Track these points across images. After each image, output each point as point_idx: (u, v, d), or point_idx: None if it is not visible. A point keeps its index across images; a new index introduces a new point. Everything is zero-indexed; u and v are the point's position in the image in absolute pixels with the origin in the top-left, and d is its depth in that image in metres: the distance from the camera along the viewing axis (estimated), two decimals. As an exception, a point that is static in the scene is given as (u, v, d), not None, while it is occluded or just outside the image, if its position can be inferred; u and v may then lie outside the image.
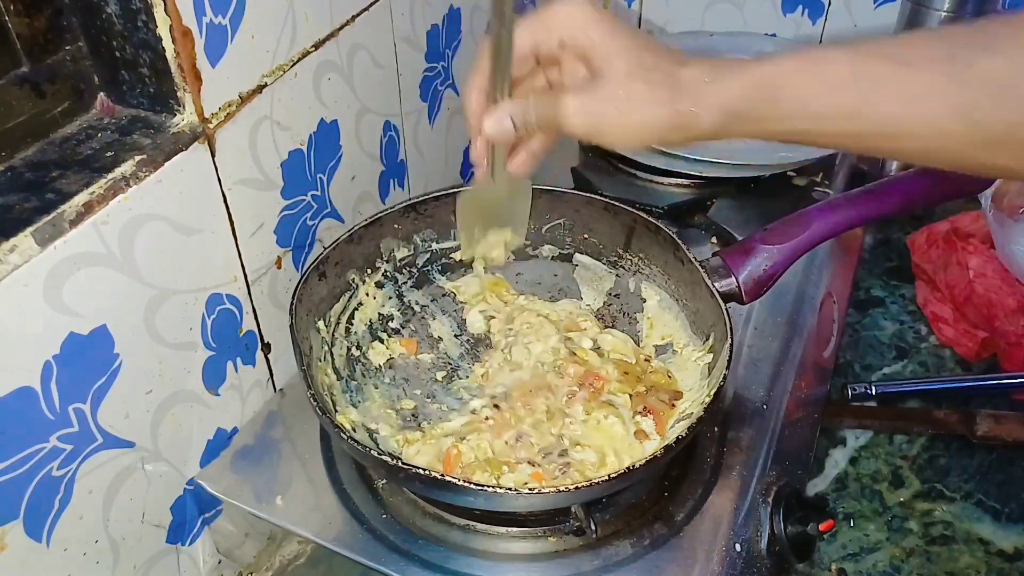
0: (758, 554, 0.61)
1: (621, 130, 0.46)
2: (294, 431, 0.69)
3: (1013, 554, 0.72)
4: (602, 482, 0.53)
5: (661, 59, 0.45)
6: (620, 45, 0.45)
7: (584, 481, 0.55)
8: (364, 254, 0.72)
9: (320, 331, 0.68)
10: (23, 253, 0.47)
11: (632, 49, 0.45)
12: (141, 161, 0.53)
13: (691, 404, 0.66)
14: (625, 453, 0.63)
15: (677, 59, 0.46)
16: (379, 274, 0.74)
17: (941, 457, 0.80)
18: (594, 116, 0.46)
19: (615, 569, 0.59)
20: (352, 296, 0.72)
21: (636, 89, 0.45)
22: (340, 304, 0.71)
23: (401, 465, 0.53)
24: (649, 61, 0.45)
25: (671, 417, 0.66)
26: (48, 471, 0.52)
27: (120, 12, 0.52)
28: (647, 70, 0.45)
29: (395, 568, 0.59)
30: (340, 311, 0.71)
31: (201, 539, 0.68)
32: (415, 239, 0.76)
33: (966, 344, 0.88)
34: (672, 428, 0.65)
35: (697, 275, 0.67)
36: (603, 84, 0.46)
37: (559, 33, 0.47)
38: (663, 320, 0.74)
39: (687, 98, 0.45)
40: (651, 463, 0.55)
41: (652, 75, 0.45)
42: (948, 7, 0.92)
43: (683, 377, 0.69)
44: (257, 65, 0.61)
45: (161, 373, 0.59)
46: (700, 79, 0.45)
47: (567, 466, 0.61)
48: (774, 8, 1.11)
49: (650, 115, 0.45)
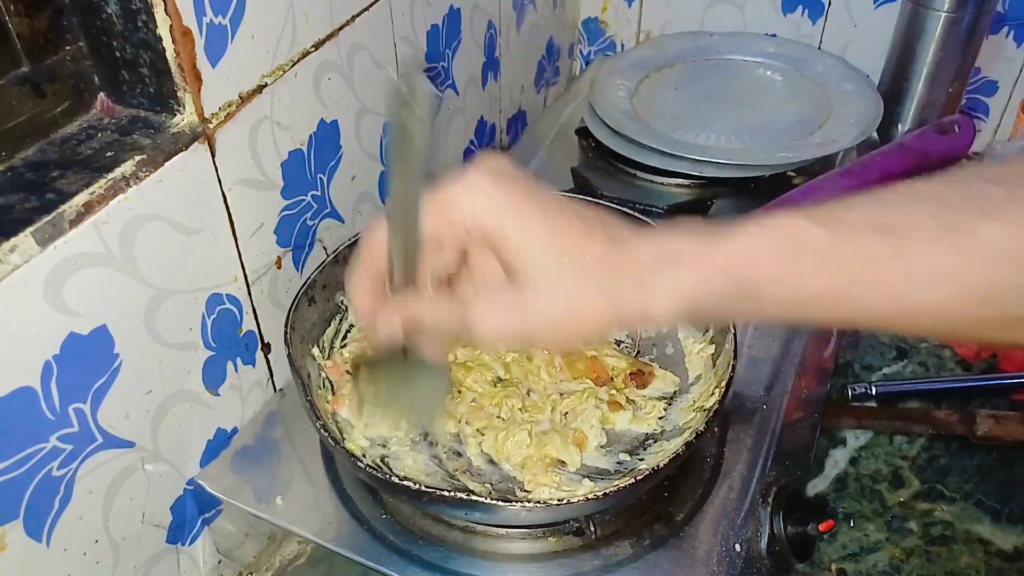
0: (758, 554, 0.61)
1: (552, 335, 0.39)
2: (294, 431, 0.69)
3: (1013, 554, 0.72)
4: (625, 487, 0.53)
5: (593, 240, 0.38)
6: (538, 232, 0.37)
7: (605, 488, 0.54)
8: None
9: (316, 358, 0.68)
10: (23, 253, 0.47)
11: (553, 235, 0.37)
12: (141, 161, 0.53)
13: (699, 396, 0.66)
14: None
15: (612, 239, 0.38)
16: None
17: (941, 457, 0.80)
18: (514, 325, 0.38)
19: (615, 569, 0.59)
20: (343, 319, 0.72)
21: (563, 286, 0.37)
22: (332, 328, 0.71)
23: (424, 490, 0.53)
24: (578, 247, 0.37)
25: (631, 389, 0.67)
26: (48, 471, 0.52)
27: (120, 12, 0.52)
28: (575, 261, 0.37)
29: (395, 568, 0.59)
30: (332, 335, 0.71)
31: (201, 539, 0.68)
32: None
33: (966, 344, 0.88)
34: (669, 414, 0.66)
35: None
36: (523, 287, 0.38)
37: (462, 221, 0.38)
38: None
39: (631, 292, 0.37)
40: (672, 462, 0.55)
41: (582, 265, 0.37)
42: (948, 7, 0.92)
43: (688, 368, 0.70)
44: (257, 65, 0.61)
45: (161, 373, 0.59)
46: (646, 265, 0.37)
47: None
48: (774, 8, 1.11)
49: (586, 314, 0.37)
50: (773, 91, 1.04)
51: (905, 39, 0.98)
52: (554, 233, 0.37)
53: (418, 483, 0.53)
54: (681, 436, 0.63)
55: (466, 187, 0.38)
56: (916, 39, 0.96)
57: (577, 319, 0.38)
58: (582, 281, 0.37)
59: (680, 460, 0.55)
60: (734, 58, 1.09)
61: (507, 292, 0.39)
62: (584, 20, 1.24)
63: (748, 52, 1.09)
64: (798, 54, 1.07)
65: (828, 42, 1.10)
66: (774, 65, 1.07)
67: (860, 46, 1.08)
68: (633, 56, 1.10)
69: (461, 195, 0.38)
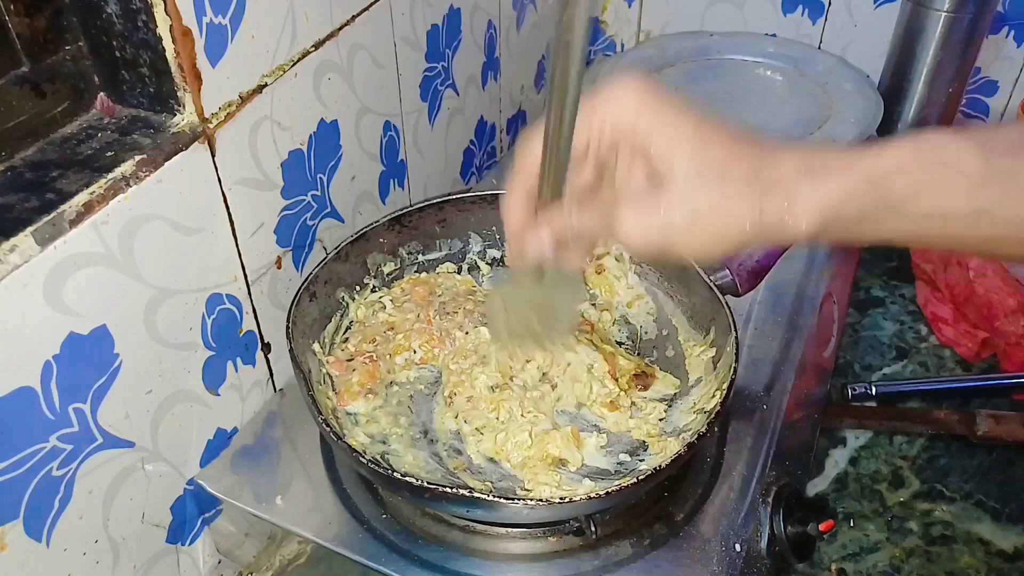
0: (758, 554, 0.61)
1: (693, 243, 0.39)
2: (294, 431, 0.69)
3: (1013, 554, 0.72)
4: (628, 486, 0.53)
5: (737, 151, 0.38)
6: (684, 139, 0.38)
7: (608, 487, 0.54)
8: (352, 271, 0.72)
9: (316, 353, 0.68)
10: (23, 253, 0.47)
11: (700, 142, 0.38)
12: (141, 161, 0.53)
13: (700, 399, 0.66)
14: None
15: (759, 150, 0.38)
16: (368, 291, 0.74)
17: (941, 457, 0.80)
18: (657, 230, 0.39)
19: (615, 569, 0.59)
20: (343, 315, 0.72)
21: (708, 193, 0.37)
22: (333, 324, 0.71)
23: (427, 486, 0.53)
24: (723, 156, 0.38)
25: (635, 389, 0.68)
26: (48, 471, 0.52)
27: (120, 12, 0.52)
28: (721, 169, 0.37)
29: (395, 568, 0.59)
30: (333, 331, 0.71)
31: (201, 539, 0.68)
32: (401, 252, 0.76)
33: (966, 344, 0.88)
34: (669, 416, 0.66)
35: (691, 270, 0.67)
36: (666, 190, 0.38)
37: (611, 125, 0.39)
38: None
39: (776, 200, 0.37)
40: (674, 462, 0.55)
41: (728, 175, 0.37)
42: (949, 7, 0.92)
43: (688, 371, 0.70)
44: (257, 65, 0.61)
45: (161, 373, 0.59)
46: (791, 176, 0.37)
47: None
48: (774, 8, 1.11)
49: (728, 224, 0.38)
50: (773, 91, 1.04)
51: (905, 39, 0.98)
52: (702, 140, 0.38)
53: (420, 479, 0.53)
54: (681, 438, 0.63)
55: (620, 93, 0.39)
56: (916, 39, 0.96)
57: (718, 225, 0.38)
58: (727, 188, 0.37)
59: (682, 461, 0.55)
60: (734, 58, 1.09)
61: (652, 196, 0.39)
62: (584, 20, 1.24)
63: (748, 52, 1.09)
64: (798, 54, 1.07)
65: (828, 42, 1.10)
66: (774, 65, 1.07)
67: (860, 46, 1.08)
68: (633, 56, 1.10)
69: (614, 101, 0.39)
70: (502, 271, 0.80)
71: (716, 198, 0.37)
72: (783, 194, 0.37)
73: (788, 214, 0.37)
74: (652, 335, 0.74)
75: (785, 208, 0.37)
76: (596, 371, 0.67)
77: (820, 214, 0.37)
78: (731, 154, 0.38)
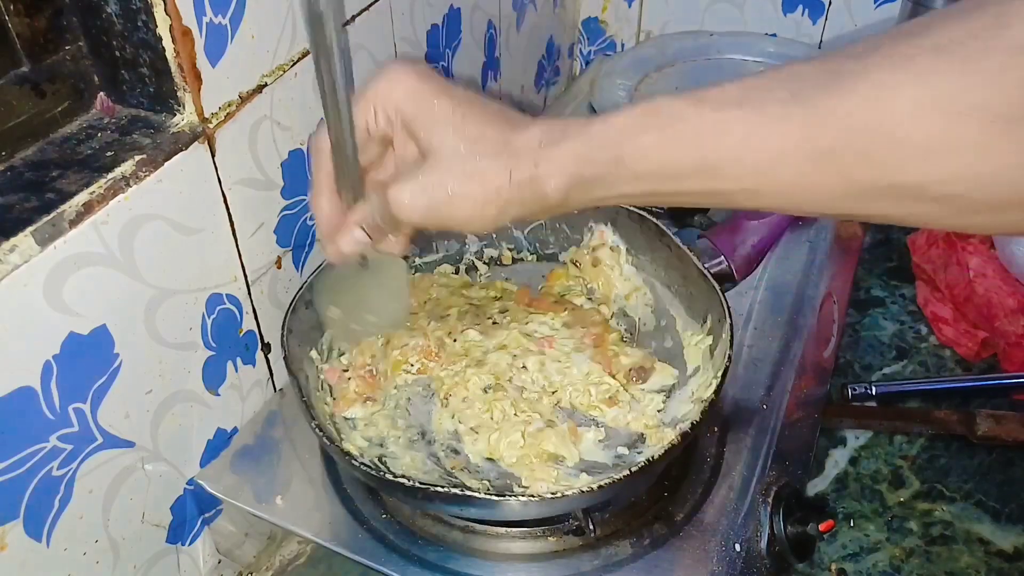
0: (758, 554, 0.61)
1: (460, 213, 0.42)
2: (294, 431, 0.69)
3: (1013, 554, 0.72)
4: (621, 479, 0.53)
5: (492, 126, 0.42)
6: (444, 117, 0.42)
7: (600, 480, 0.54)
8: None
9: (314, 360, 0.68)
10: (23, 253, 0.47)
11: (458, 119, 0.42)
12: (141, 161, 0.53)
13: (698, 388, 0.66)
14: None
15: (512, 123, 0.42)
16: None
17: (941, 457, 0.80)
18: (426, 203, 0.42)
19: (615, 569, 0.59)
20: None
21: (465, 165, 0.41)
22: None
23: (419, 486, 0.53)
24: (478, 131, 0.42)
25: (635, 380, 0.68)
26: (48, 471, 0.52)
27: (120, 12, 0.52)
28: (476, 141, 0.41)
29: (395, 568, 0.59)
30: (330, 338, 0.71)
31: (201, 539, 0.68)
32: None
33: (966, 344, 0.88)
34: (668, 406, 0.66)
35: (686, 259, 0.67)
36: (431, 165, 0.42)
37: (385, 109, 0.43)
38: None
39: (524, 166, 0.41)
40: (668, 452, 0.55)
41: (482, 146, 0.41)
42: (948, 7, 0.92)
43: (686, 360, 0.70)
44: (257, 65, 0.61)
45: (161, 373, 0.59)
46: (535, 143, 0.41)
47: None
48: (774, 8, 1.11)
49: (487, 191, 0.41)
50: (773, 91, 1.04)
51: (905, 39, 0.97)
52: (461, 117, 0.42)
53: (412, 480, 0.53)
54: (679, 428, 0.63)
55: (389, 79, 0.43)
56: (916, 39, 0.96)
57: (477, 193, 0.41)
58: (480, 158, 0.41)
59: (676, 451, 0.55)
60: (734, 58, 1.09)
61: (420, 172, 0.42)
62: (584, 20, 1.24)
63: (748, 52, 1.09)
64: (798, 54, 1.07)
65: (828, 42, 1.10)
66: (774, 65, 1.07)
67: (860, 46, 1.08)
68: (633, 56, 1.10)
69: (385, 86, 0.43)
70: (499, 269, 0.80)
71: (472, 167, 0.41)
72: (530, 160, 0.41)
73: (536, 178, 0.41)
74: (651, 327, 0.74)
75: (534, 171, 0.41)
76: (593, 377, 0.67)
77: (564, 175, 0.41)
78: (486, 128, 0.42)
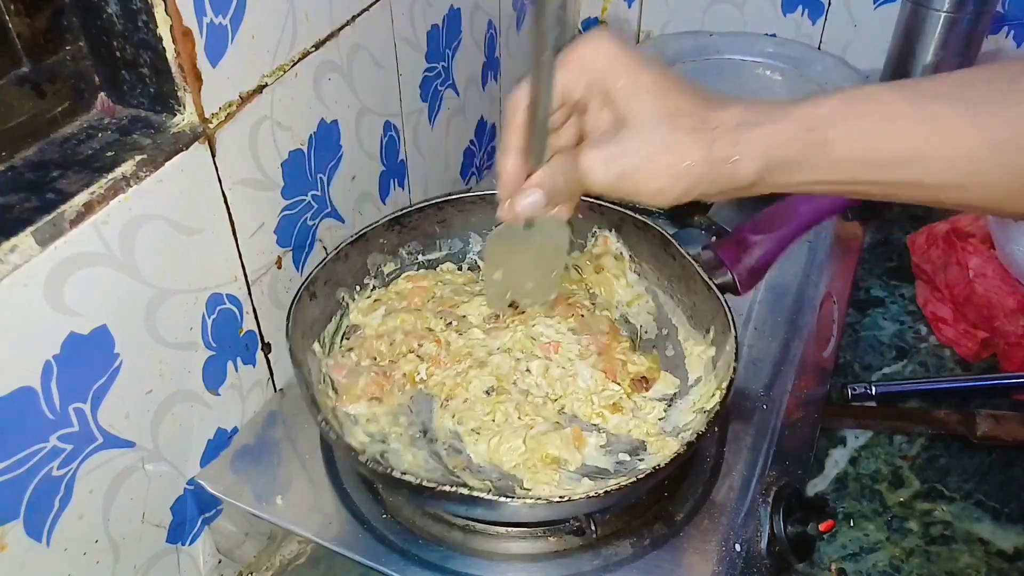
0: (758, 554, 0.61)
1: (650, 184, 0.42)
2: (294, 431, 0.69)
3: (1013, 554, 0.72)
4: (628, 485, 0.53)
5: (692, 102, 0.41)
6: (645, 87, 0.41)
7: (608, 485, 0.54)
8: (352, 271, 0.72)
9: (316, 353, 0.68)
10: (23, 253, 0.47)
11: (659, 91, 0.41)
12: (141, 161, 0.53)
13: (700, 398, 0.66)
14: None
15: (711, 101, 0.42)
16: (368, 290, 0.74)
17: (941, 457, 0.80)
18: (619, 171, 0.42)
19: (615, 569, 0.59)
20: (344, 315, 0.72)
21: (664, 137, 0.41)
22: (333, 324, 0.71)
23: (426, 485, 0.53)
24: (678, 105, 0.41)
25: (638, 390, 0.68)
26: (48, 471, 0.52)
27: (120, 12, 0.52)
28: (676, 115, 0.41)
29: (395, 568, 0.59)
30: (333, 331, 0.71)
31: (201, 539, 0.68)
32: (401, 252, 0.76)
33: (966, 344, 0.88)
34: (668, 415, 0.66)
35: (690, 269, 0.67)
36: (627, 133, 0.41)
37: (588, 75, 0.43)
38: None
39: (722, 145, 0.40)
40: (673, 461, 0.55)
41: (682, 120, 0.41)
42: (948, 7, 0.92)
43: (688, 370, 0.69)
44: (257, 65, 0.61)
45: (161, 373, 0.59)
46: (737, 123, 0.41)
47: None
48: (774, 8, 1.11)
49: (680, 163, 0.41)
50: (773, 91, 1.04)
51: (905, 39, 0.98)
52: (661, 90, 0.41)
53: (419, 478, 0.53)
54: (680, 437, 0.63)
55: (593, 46, 0.43)
56: (916, 39, 0.96)
57: (672, 165, 0.41)
58: (680, 131, 0.41)
59: (680, 460, 0.55)
60: (734, 58, 1.09)
61: (616, 139, 0.42)
62: (584, 20, 1.24)
63: (748, 52, 1.09)
64: (798, 54, 1.07)
65: (828, 42, 1.10)
66: (774, 65, 1.07)
67: (860, 46, 1.08)
68: (633, 56, 1.10)
69: (589, 52, 0.43)
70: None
71: (671, 139, 0.41)
72: (730, 138, 0.40)
73: (734, 156, 0.40)
74: (652, 334, 0.74)
75: (732, 150, 0.40)
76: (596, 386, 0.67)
77: (763, 157, 0.40)
78: (686, 103, 0.41)
